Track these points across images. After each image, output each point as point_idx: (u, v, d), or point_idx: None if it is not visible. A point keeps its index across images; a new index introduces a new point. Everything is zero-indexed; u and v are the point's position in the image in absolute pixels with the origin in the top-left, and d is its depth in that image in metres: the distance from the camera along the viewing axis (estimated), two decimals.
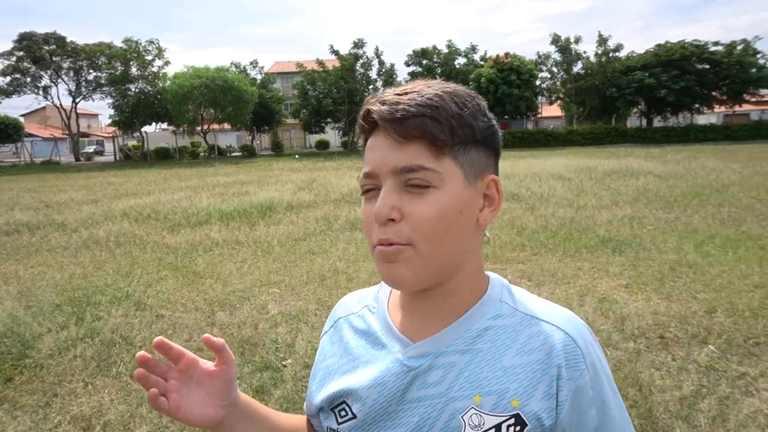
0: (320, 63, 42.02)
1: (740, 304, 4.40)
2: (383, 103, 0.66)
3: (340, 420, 0.75)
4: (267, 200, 12.10)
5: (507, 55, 41.31)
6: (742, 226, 7.61)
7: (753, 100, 41.35)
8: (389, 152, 0.66)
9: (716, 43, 38.77)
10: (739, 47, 38.32)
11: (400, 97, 0.66)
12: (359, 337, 0.79)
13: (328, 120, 43.90)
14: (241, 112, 39.00)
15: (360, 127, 0.71)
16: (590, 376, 0.66)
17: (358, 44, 41.75)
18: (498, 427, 0.64)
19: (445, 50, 43.87)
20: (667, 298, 4.70)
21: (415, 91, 0.66)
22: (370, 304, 0.82)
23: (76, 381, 3.54)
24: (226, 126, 46.19)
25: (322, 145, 47.31)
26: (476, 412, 0.65)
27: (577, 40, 43.40)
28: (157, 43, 40.82)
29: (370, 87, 43.58)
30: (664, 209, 9.23)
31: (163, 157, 41.78)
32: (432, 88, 0.67)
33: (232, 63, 46.44)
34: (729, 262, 5.69)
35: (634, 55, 41.22)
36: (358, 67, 42.21)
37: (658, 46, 40.02)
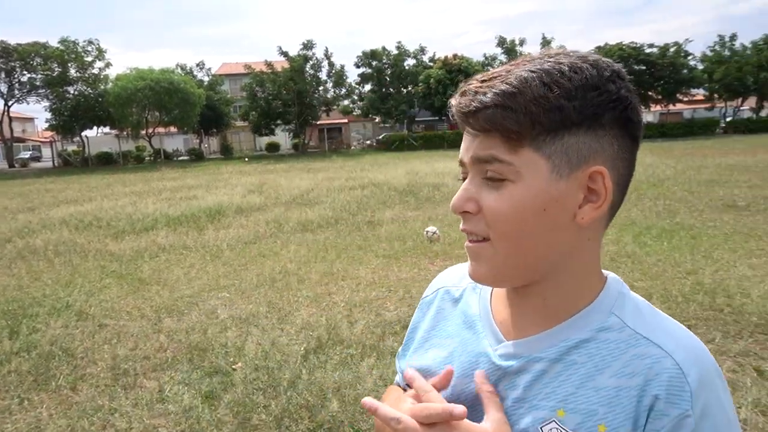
0: (269, 64, 41.45)
1: (674, 290, 4.65)
2: (463, 94, 0.61)
3: None
4: (216, 204, 11.85)
5: (455, 56, 42.03)
6: (676, 217, 8.04)
7: (685, 99, 43.69)
8: (471, 142, 0.62)
9: (651, 46, 40.80)
10: (672, 49, 40.40)
11: (481, 84, 0.60)
12: (455, 315, 0.76)
13: (278, 122, 43.38)
14: (188, 114, 37.97)
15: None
16: (696, 419, 0.56)
17: (308, 45, 41.46)
18: None
19: (395, 51, 44.14)
20: None
21: (499, 76, 0.60)
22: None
23: (11, 397, 3.36)
24: (173, 129, 44.88)
25: (273, 147, 46.68)
26: (557, 426, 0.60)
27: (522, 42, 44.71)
28: (97, 44, 39.16)
29: (320, 88, 43.35)
30: None
31: (106, 162, 40.18)
32: (524, 67, 0.59)
33: (177, 65, 45.27)
34: (664, 252, 6.00)
35: None
36: (307, 69, 41.90)
37: (599, 47, 41.67)
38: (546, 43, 44.32)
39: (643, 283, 4.93)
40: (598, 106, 0.58)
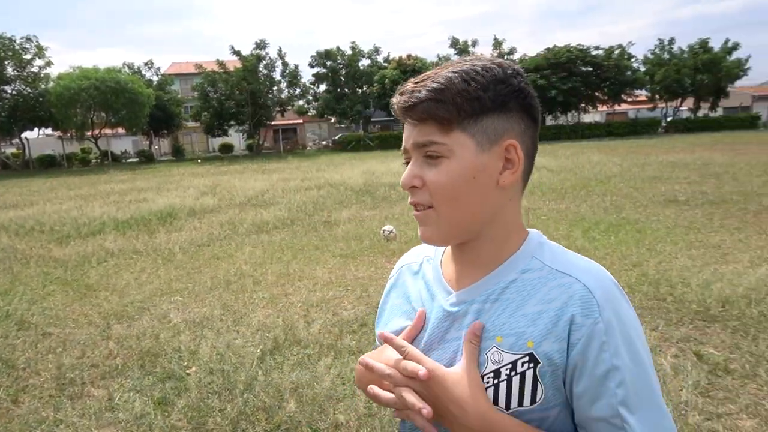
0: (221, 64, 40.54)
1: (621, 281, 4.80)
2: (402, 93, 0.77)
3: None
4: (167, 206, 11.53)
5: (409, 57, 42.29)
6: (622, 212, 8.36)
7: (629, 99, 45.46)
8: (411, 132, 0.77)
9: (597, 48, 42.21)
10: (617, 52, 41.96)
11: (415, 85, 0.76)
12: (416, 284, 0.91)
13: (232, 123, 42.48)
14: (137, 115, 36.67)
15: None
16: (604, 324, 0.70)
17: (261, 45, 40.79)
18: (514, 363, 0.73)
19: (349, 52, 44.06)
20: None
21: (429, 78, 0.75)
22: (429, 255, 0.94)
23: None
24: (121, 130, 43.30)
25: (226, 148, 45.75)
26: (497, 350, 0.75)
27: (474, 44, 45.39)
28: (36, 41, 37.23)
29: (274, 88, 42.75)
30: (556, 200, 9.92)
31: (49, 165, 38.38)
32: (447, 69, 0.75)
33: (124, 63, 43.67)
34: (612, 245, 6.23)
35: (527, 57, 43.75)
36: (261, 68, 41.22)
37: (548, 49, 42.78)
38: (498, 44, 45.20)
39: None
40: (505, 95, 0.75)
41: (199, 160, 36.27)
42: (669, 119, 44.41)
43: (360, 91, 44.51)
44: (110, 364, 3.71)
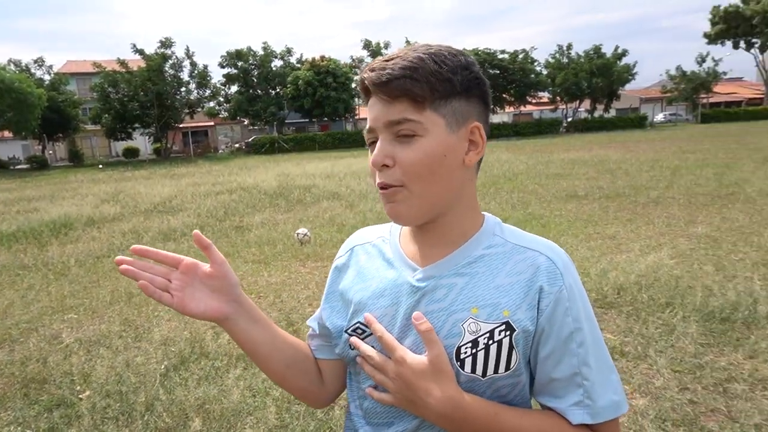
0: (122, 63, 38.13)
1: None
2: (372, 70, 0.77)
3: (361, 338, 0.85)
4: (62, 216, 10.64)
5: (323, 58, 42.05)
6: (529, 208, 8.77)
7: (533, 101, 48.10)
8: (381, 110, 0.77)
9: (503, 52, 44.24)
10: (521, 56, 44.20)
11: (386, 62, 0.76)
12: (374, 262, 0.90)
13: (136, 125, 40.09)
14: (26, 117, 33.50)
15: (361, 92, 0.82)
16: (567, 291, 0.77)
17: (166, 44, 38.80)
18: (492, 332, 0.77)
19: (261, 52, 43.07)
20: None
21: (399, 56, 0.76)
22: (384, 235, 0.93)
23: None
24: (8, 134, 39.52)
25: (131, 153, 43.19)
26: (474, 321, 0.77)
27: (387, 46, 46.01)
28: None
29: (182, 89, 40.86)
30: None
31: None
32: (416, 51, 0.76)
33: (10, 60, 39.81)
34: None
35: None
36: (167, 68, 39.22)
37: None
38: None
39: None
40: (470, 81, 0.78)
41: (101, 166, 33.93)
42: (569, 120, 47.42)
43: (273, 92, 43.66)
44: None
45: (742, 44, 50.48)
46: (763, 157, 14.41)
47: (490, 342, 0.76)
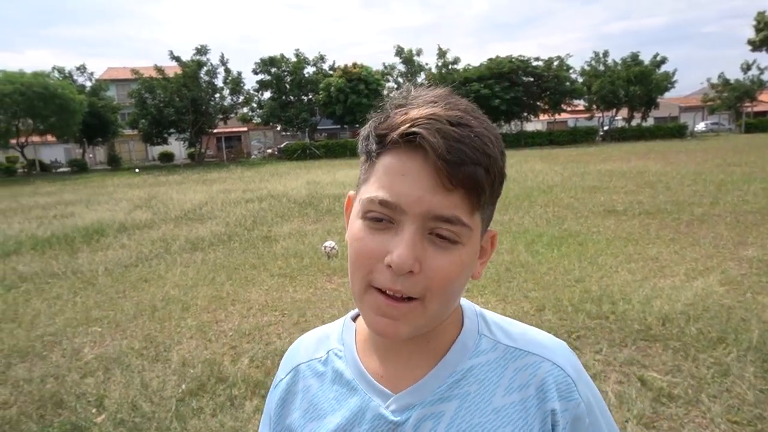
0: (159, 70, 39.05)
1: (564, 299, 4.76)
2: (440, 132, 0.54)
3: None
4: (95, 222, 10.80)
5: (355, 65, 42.18)
6: (564, 224, 8.43)
7: (569, 109, 47.15)
8: (430, 193, 0.55)
9: (537, 59, 43.53)
10: (555, 63, 43.43)
11: (457, 131, 0.55)
12: (328, 388, 0.70)
13: (172, 130, 40.97)
14: (68, 122, 34.69)
15: (379, 138, 0.58)
16: (585, 404, 0.64)
17: (202, 51, 39.63)
18: None
19: (294, 59, 43.49)
20: (503, 299, 4.94)
21: (467, 125, 0.56)
22: (335, 347, 0.73)
23: None
24: (51, 138, 40.90)
25: (166, 157, 44.13)
26: None
27: (419, 53, 45.94)
28: None
29: (217, 95, 41.57)
30: (500, 211, 9.92)
31: None
32: (480, 121, 0.58)
33: (54, 68, 41.24)
34: (554, 259, 6.19)
35: (471, 67, 44.56)
36: (202, 75, 40.02)
37: (491, 59, 43.72)
38: (442, 54, 45.82)
39: (536, 293, 5.01)
40: (503, 176, 0.62)
41: (137, 170, 34.73)
42: (606, 128, 46.30)
43: (305, 98, 44.01)
44: (2, 415, 3.25)
45: None
46: None
47: None
